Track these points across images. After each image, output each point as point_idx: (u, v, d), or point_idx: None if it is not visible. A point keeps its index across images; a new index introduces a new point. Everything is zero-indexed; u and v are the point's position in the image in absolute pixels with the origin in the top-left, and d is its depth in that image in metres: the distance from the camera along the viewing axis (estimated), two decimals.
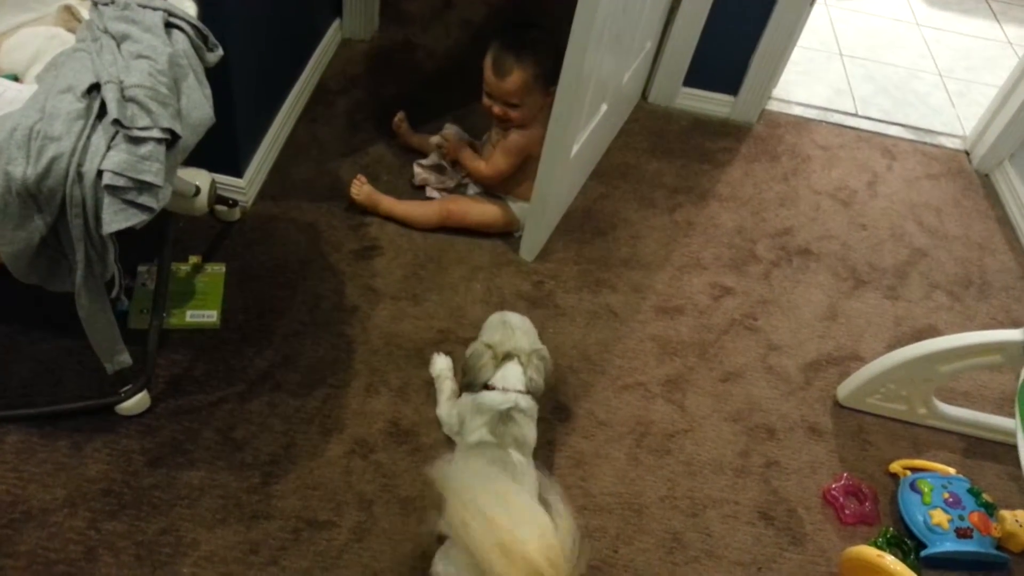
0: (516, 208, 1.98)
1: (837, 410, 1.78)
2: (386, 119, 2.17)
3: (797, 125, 2.56)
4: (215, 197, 1.63)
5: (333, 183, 2.04)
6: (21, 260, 1.21)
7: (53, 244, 1.22)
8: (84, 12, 1.44)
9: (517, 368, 1.48)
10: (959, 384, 1.88)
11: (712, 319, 1.92)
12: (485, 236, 1.99)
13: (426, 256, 1.92)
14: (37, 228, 1.18)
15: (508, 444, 1.41)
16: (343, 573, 1.38)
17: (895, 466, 1.68)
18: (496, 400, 1.45)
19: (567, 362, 1.76)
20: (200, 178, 1.57)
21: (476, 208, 1.98)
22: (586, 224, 2.09)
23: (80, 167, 1.14)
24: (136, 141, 1.16)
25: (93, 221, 1.17)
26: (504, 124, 1.90)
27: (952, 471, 1.65)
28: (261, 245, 1.87)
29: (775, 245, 2.14)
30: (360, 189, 1.96)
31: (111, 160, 1.14)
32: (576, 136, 1.85)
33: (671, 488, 1.59)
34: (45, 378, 1.55)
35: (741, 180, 2.32)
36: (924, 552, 1.52)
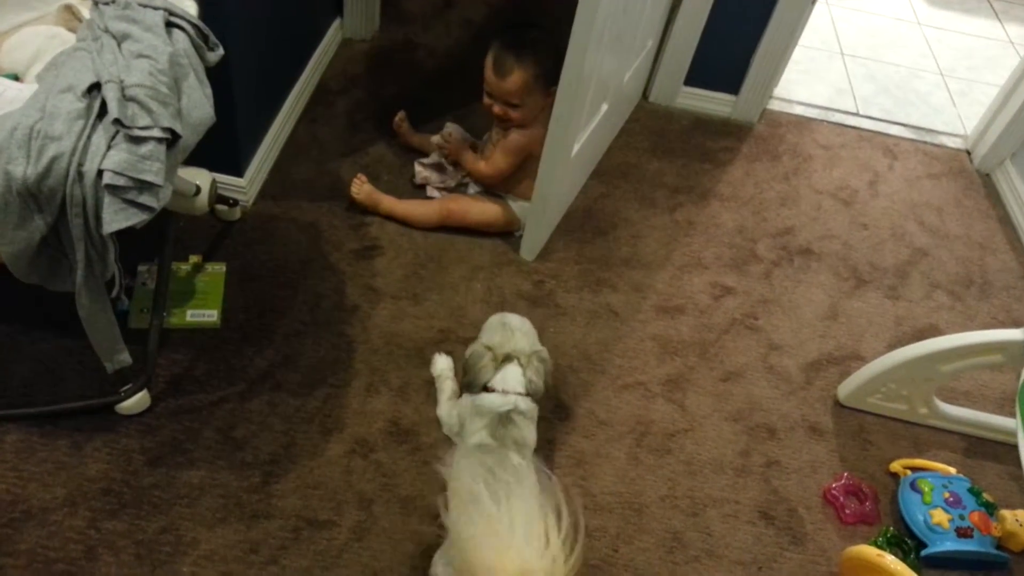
0: (517, 207, 1.98)
1: (838, 410, 1.78)
2: (387, 119, 2.17)
3: (798, 124, 2.56)
4: (216, 196, 1.63)
5: (333, 183, 2.04)
6: (21, 260, 1.22)
7: (53, 244, 1.22)
8: (85, 11, 1.45)
9: (517, 370, 1.48)
10: (960, 384, 1.88)
11: (713, 319, 1.92)
12: (485, 235, 1.99)
13: (426, 256, 1.92)
14: (37, 228, 1.18)
15: (508, 446, 1.41)
16: (343, 572, 1.38)
17: (895, 465, 1.68)
18: (496, 402, 1.45)
19: (567, 361, 1.76)
20: (201, 177, 1.57)
21: (476, 207, 1.98)
22: (587, 224, 2.09)
23: (80, 166, 1.14)
24: (136, 140, 1.16)
25: (93, 220, 1.17)
26: (504, 124, 1.90)
27: (952, 471, 1.64)
28: (262, 245, 1.87)
29: (776, 245, 2.14)
30: (360, 188, 1.96)
31: (111, 159, 1.14)
32: (577, 135, 1.85)
33: (671, 487, 1.59)
34: (45, 377, 1.55)
35: (742, 180, 2.32)
36: (924, 551, 1.52)
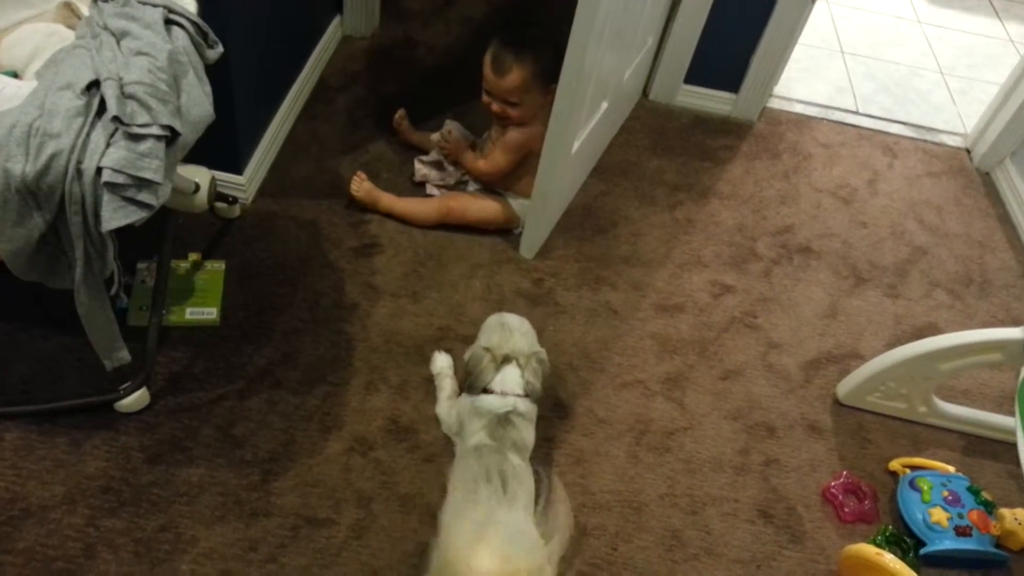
0: (516, 205, 1.98)
1: (837, 408, 1.78)
2: (386, 116, 2.17)
3: (798, 123, 2.56)
4: (215, 194, 1.62)
5: (333, 180, 2.04)
6: (20, 257, 1.21)
7: (52, 241, 1.22)
8: (84, 9, 1.44)
9: (515, 371, 1.48)
10: (959, 382, 1.88)
11: (712, 317, 1.92)
12: (485, 233, 1.99)
13: (426, 253, 1.92)
14: (36, 225, 1.18)
15: (507, 448, 1.41)
16: (342, 570, 1.38)
17: (894, 464, 1.68)
18: (495, 404, 1.45)
19: (567, 360, 1.76)
20: (200, 175, 1.56)
21: (476, 205, 1.98)
22: (586, 221, 2.09)
23: (79, 164, 1.14)
24: (136, 138, 1.16)
25: (92, 218, 1.17)
26: (503, 122, 1.90)
27: (951, 469, 1.64)
28: (261, 242, 1.87)
29: (776, 243, 2.14)
30: (360, 186, 1.95)
31: (110, 157, 1.14)
32: (577, 133, 1.85)
33: (671, 486, 1.59)
34: (44, 375, 1.55)
35: (742, 178, 2.31)
36: (923, 550, 1.52)
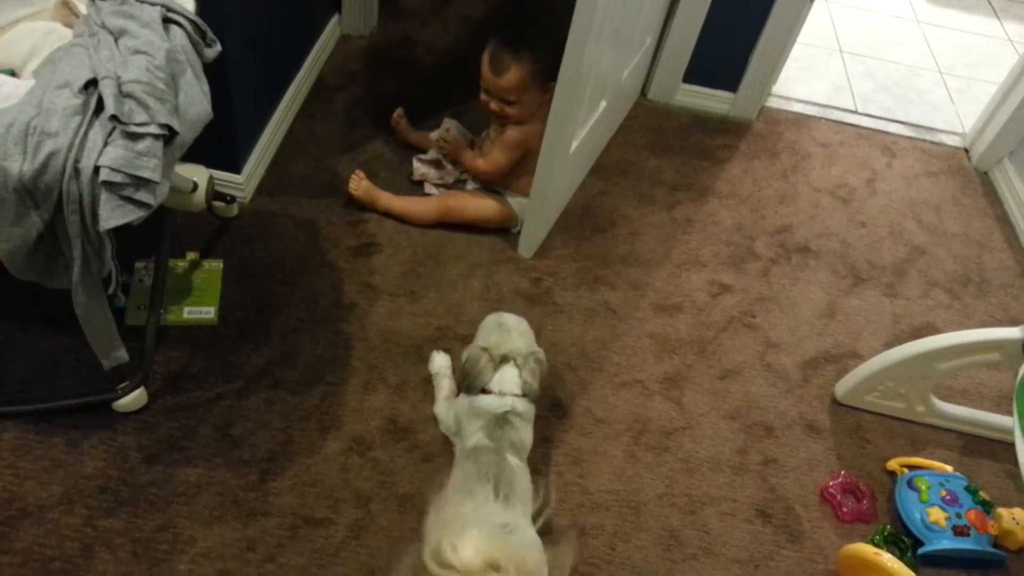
0: (515, 203, 1.98)
1: (835, 408, 1.78)
2: (385, 115, 2.16)
3: (797, 122, 2.56)
4: (213, 193, 1.62)
5: (331, 179, 2.04)
6: (18, 257, 1.21)
7: (50, 241, 1.22)
8: (81, 7, 1.44)
9: (514, 371, 1.48)
10: (957, 382, 1.88)
11: (711, 317, 1.92)
12: (483, 233, 1.98)
13: (424, 253, 1.92)
14: (34, 224, 1.18)
15: (505, 448, 1.40)
16: (340, 570, 1.38)
17: (893, 464, 1.68)
18: (493, 404, 1.45)
19: (565, 359, 1.76)
20: (198, 174, 1.56)
21: (474, 203, 1.97)
22: (585, 221, 2.08)
23: (77, 163, 1.13)
24: (133, 137, 1.16)
25: (90, 217, 1.17)
26: (501, 120, 1.90)
27: (949, 469, 1.65)
28: (259, 241, 1.87)
29: (774, 242, 2.14)
30: (358, 185, 1.95)
31: (108, 156, 1.14)
32: (575, 132, 1.85)
33: (669, 486, 1.59)
34: (42, 375, 1.55)
35: (740, 177, 2.31)
36: (921, 550, 1.52)
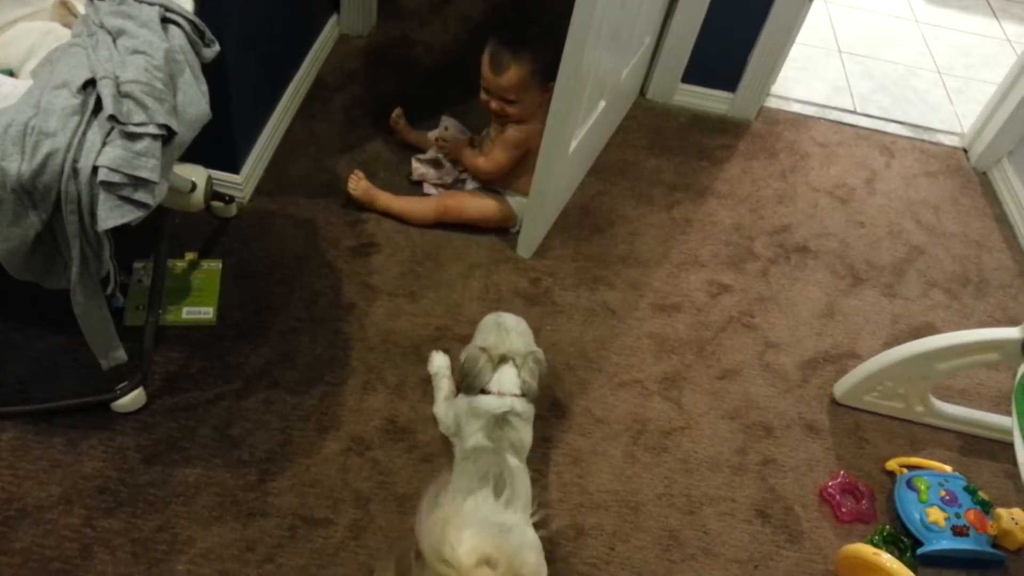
0: (514, 203, 1.98)
1: (834, 408, 1.78)
2: (384, 115, 2.16)
3: (795, 122, 2.56)
4: (211, 193, 1.62)
5: (330, 179, 2.04)
6: (16, 257, 1.21)
7: (48, 241, 1.22)
8: (80, 7, 1.44)
9: (512, 371, 1.48)
10: (956, 382, 1.88)
11: (710, 317, 1.92)
12: (482, 233, 1.98)
13: (423, 253, 1.92)
14: (32, 225, 1.17)
15: (505, 448, 1.40)
16: (340, 571, 1.38)
17: (892, 464, 1.68)
18: (492, 405, 1.45)
19: (564, 359, 1.76)
20: (196, 174, 1.56)
21: (474, 203, 1.97)
22: (584, 221, 2.08)
23: (75, 163, 1.13)
24: (132, 137, 1.16)
25: (88, 217, 1.16)
26: (502, 119, 1.90)
27: (948, 469, 1.65)
28: (258, 241, 1.87)
29: (773, 242, 2.14)
30: (357, 184, 1.95)
31: (106, 156, 1.14)
32: (574, 132, 1.85)
33: (668, 486, 1.59)
34: (41, 375, 1.54)
35: (739, 177, 2.31)
36: (920, 550, 1.52)
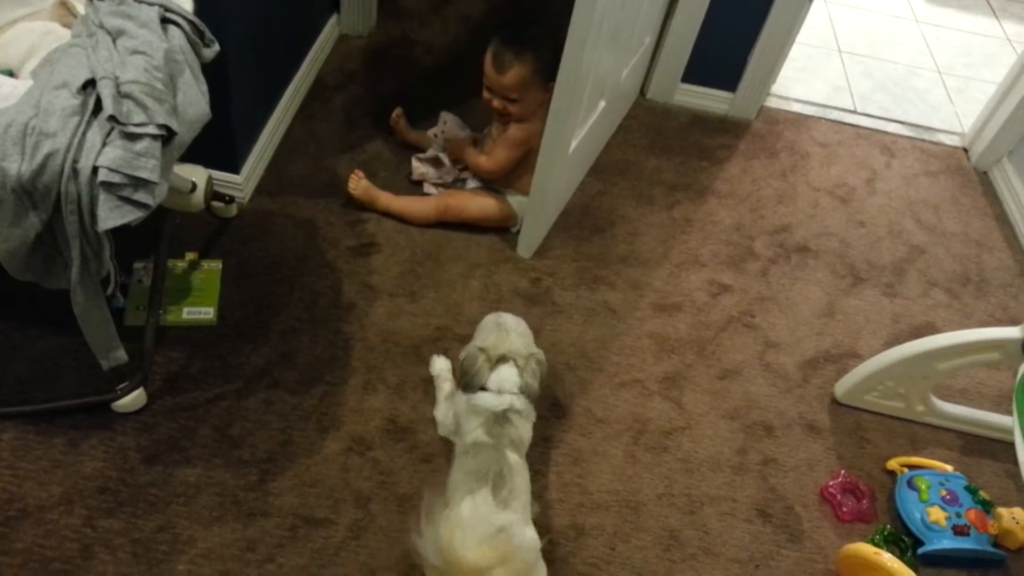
0: (515, 202, 1.97)
1: (835, 407, 1.78)
2: (384, 115, 2.16)
3: (796, 122, 2.56)
4: (212, 193, 1.62)
5: (330, 179, 2.04)
6: (16, 257, 1.21)
7: (48, 241, 1.22)
8: (80, 7, 1.44)
9: (512, 369, 1.47)
10: (957, 381, 1.88)
11: (710, 316, 1.92)
12: (483, 233, 1.98)
13: (423, 253, 1.92)
14: (32, 225, 1.17)
15: (505, 445, 1.40)
16: (340, 571, 1.38)
17: (892, 463, 1.68)
18: (492, 402, 1.44)
19: (565, 359, 1.76)
20: (196, 174, 1.56)
21: (474, 202, 1.97)
22: (584, 221, 2.08)
23: (75, 163, 1.13)
24: (132, 137, 1.16)
25: (88, 218, 1.16)
26: (504, 118, 1.90)
27: (949, 468, 1.65)
28: (258, 241, 1.87)
29: (773, 242, 2.14)
30: (358, 184, 1.95)
31: (106, 156, 1.14)
32: (574, 132, 1.85)
33: (668, 485, 1.59)
34: (41, 375, 1.54)
35: (739, 177, 2.31)
36: (921, 549, 1.52)
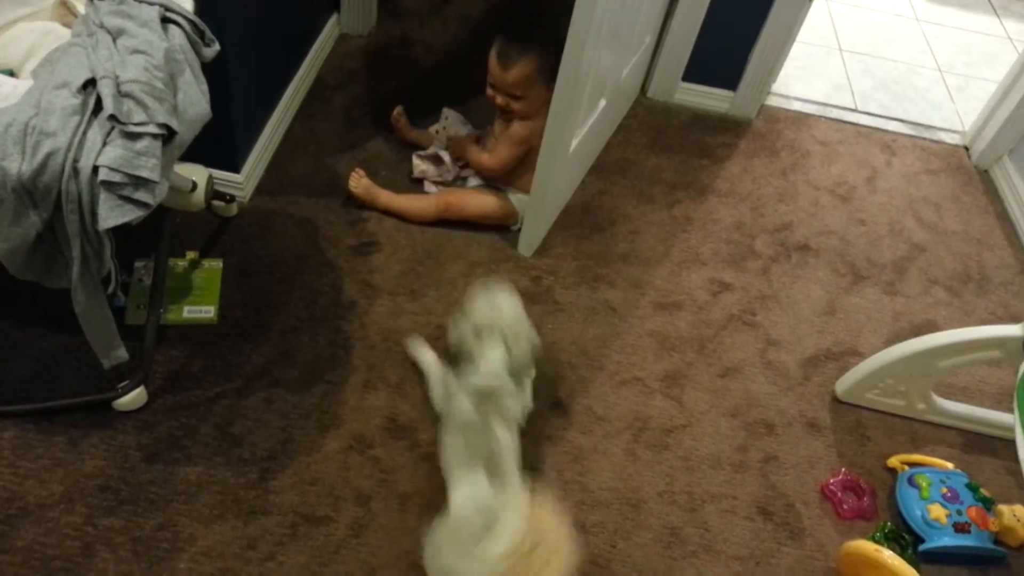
0: (516, 200, 1.97)
1: (835, 405, 1.78)
2: (384, 114, 2.16)
3: (796, 120, 2.55)
4: (212, 192, 1.62)
5: (331, 178, 2.04)
6: (17, 256, 1.21)
7: (49, 240, 1.22)
8: (80, 7, 1.44)
9: (501, 347, 1.45)
10: (958, 379, 1.88)
11: (711, 315, 1.92)
12: (483, 231, 1.98)
13: (424, 252, 1.92)
14: (33, 224, 1.18)
15: (493, 421, 1.38)
16: (341, 568, 1.38)
17: (893, 461, 1.68)
18: (481, 379, 1.42)
19: (566, 358, 1.76)
20: (197, 173, 1.56)
21: (475, 200, 1.97)
22: (585, 220, 2.08)
23: (76, 163, 1.14)
24: (132, 137, 1.16)
25: (89, 217, 1.17)
26: (507, 116, 1.90)
27: (950, 466, 1.65)
28: (258, 240, 1.87)
29: (774, 241, 2.14)
30: (358, 182, 1.95)
31: (107, 156, 1.14)
32: (575, 131, 1.85)
33: (669, 483, 1.59)
34: (42, 374, 1.55)
35: (740, 175, 2.31)
36: (922, 547, 1.52)
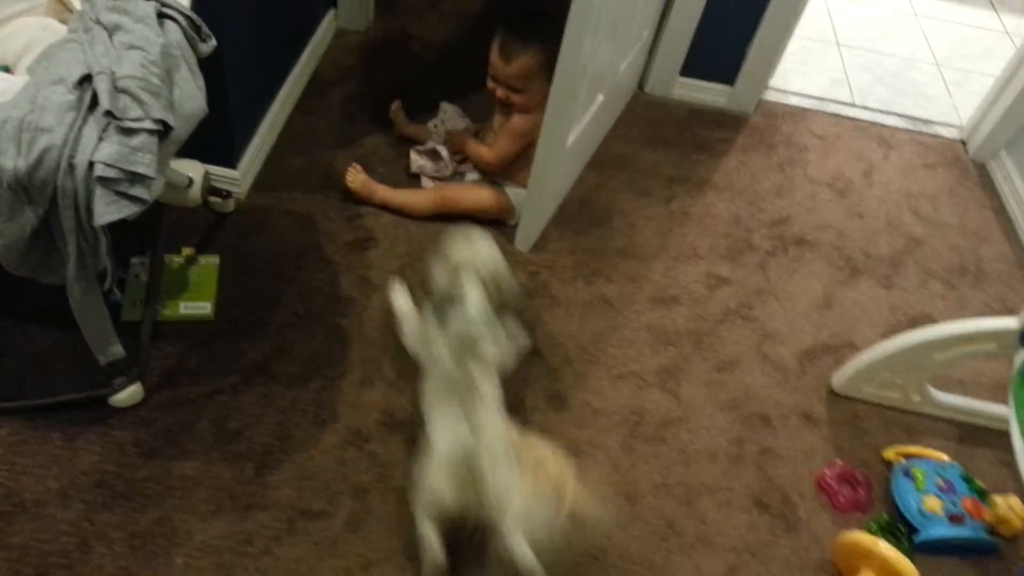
0: (513, 194, 1.98)
1: (832, 398, 1.79)
2: (381, 110, 2.16)
3: (794, 115, 2.55)
4: (209, 188, 1.62)
5: (328, 174, 2.04)
6: (13, 252, 1.22)
7: (45, 236, 1.22)
8: (76, 2, 1.44)
9: (479, 286, 1.43)
10: (954, 371, 1.88)
11: (708, 309, 1.92)
12: (481, 224, 1.98)
13: (421, 247, 1.92)
14: (28, 220, 1.18)
15: (470, 367, 1.36)
16: (338, 563, 1.38)
17: (889, 453, 1.68)
18: (460, 320, 1.40)
19: (562, 352, 1.76)
20: (193, 169, 1.57)
21: (471, 194, 1.98)
22: (582, 214, 2.08)
23: (71, 159, 1.14)
24: (128, 132, 1.16)
25: (85, 213, 1.17)
26: (507, 109, 1.90)
27: (946, 458, 1.65)
28: (255, 236, 1.87)
29: (771, 234, 2.14)
30: (355, 177, 1.95)
31: (103, 151, 1.14)
32: (572, 126, 1.85)
33: (665, 476, 1.59)
34: (38, 370, 1.55)
35: (737, 170, 2.31)
36: (917, 538, 1.53)
